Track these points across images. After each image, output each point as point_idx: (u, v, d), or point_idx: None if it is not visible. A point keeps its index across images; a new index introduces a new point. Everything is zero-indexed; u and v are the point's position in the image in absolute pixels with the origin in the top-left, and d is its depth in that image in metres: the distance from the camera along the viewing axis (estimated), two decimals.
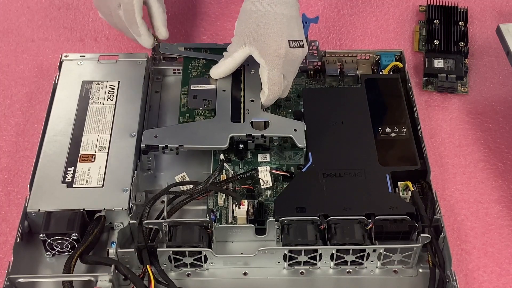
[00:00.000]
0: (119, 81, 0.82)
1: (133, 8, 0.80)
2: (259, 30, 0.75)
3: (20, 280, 0.65)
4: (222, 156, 0.73)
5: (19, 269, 0.67)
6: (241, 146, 0.76)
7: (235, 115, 0.76)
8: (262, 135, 0.75)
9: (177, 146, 0.73)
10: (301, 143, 0.74)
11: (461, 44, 0.91)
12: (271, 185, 0.73)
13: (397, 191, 0.72)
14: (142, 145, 0.73)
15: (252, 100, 0.78)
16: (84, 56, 0.85)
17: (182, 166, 0.78)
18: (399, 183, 0.72)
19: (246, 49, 0.76)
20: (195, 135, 0.75)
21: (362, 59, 0.87)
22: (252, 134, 0.75)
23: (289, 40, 0.74)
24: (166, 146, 0.73)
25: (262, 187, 0.74)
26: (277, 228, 0.69)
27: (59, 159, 0.73)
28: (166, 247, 0.67)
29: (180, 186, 0.73)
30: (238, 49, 0.77)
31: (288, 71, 0.77)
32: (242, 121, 0.76)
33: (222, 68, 0.80)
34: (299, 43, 0.76)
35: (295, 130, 0.75)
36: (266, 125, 0.76)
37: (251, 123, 0.76)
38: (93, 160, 0.73)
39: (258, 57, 0.75)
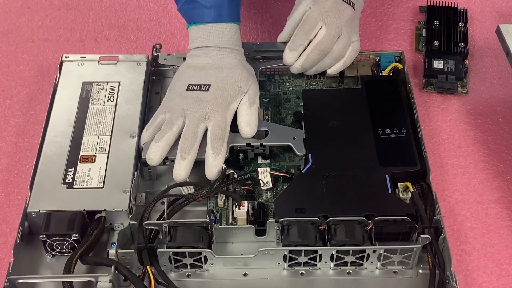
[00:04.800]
0: (119, 82, 0.82)
1: None
2: None
3: (20, 280, 0.65)
4: (224, 166, 0.73)
5: (20, 269, 0.67)
6: (241, 155, 0.76)
7: (234, 125, 0.76)
8: (261, 144, 0.75)
9: None
10: (300, 151, 0.74)
11: (461, 44, 0.91)
12: (271, 186, 0.73)
13: (397, 192, 0.72)
14: (142, 157, 0.73)
15: None
16: (85, 57, 0.85)
17: None
18: (399, 184, 0.72)
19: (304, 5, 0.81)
20: None
21: (361, 60, 0.87)
22: (252, 144, 0.75)
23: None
24: (167, 157, 0.73)
25: (262, 188, 0.74)
26: (277, 229, 0.69)
27: (59, 160, 0.73)
28: (166, 248, 0.67)
29: (181, 187, 0.73)
30: (297, 7, 0.82)
31: (334, 24, 0.80)
32: None
33: (286, 30, 0.83)
34: (350, 1, 0.81)
35: (294, 138, 0.75)
36: (265, 134, 0.76)
37: None
38: (93, 161, 0.73)
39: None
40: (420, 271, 0.70)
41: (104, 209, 0.69)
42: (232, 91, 0.76)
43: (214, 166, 0.72)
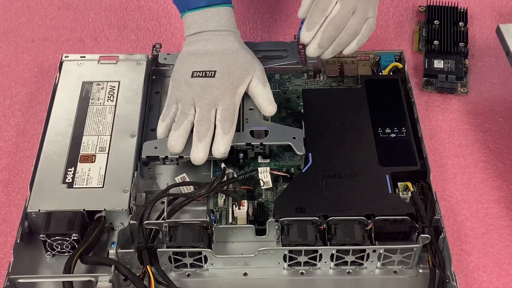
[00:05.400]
0: (119, 82, 0.82)
1: None
2: None
3: (20, 280, 0.65)
4: (223, 165, 0.73)
5: (20, 269, 0.67)
6: (241, 155, 0.76)
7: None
8: (261, 144, 0.75)
9: (177, 157, 0.74)
10: (300, 150, 0.74)
11: (461, 44, 0.91)
12: (271, 185, 0.73)
13: (397, 191, 0.72)
14: (142, 156, 0.73)
15: (251, 109, 0.78)
16: (85, 56, 0.85)
17: (182, 167, 0.77)
18: (399, 183, 0.72)
19: None
20: None
21: (362, 60, 0.87)
22: (252, 143, 0.75)
23: None
24: (167, 157, 0.73)
25: (262, 187, 0.74)
26: (277, 229, 0.69)
27: (59, 160, 0.73)
28: (166, 248, 0.67)
29: (181, 187, 0.73)
30: None
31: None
32: (241, 130, 0.76)
33: (304, 5, 0.79)
34: None
35: (294, 138, 0.75)
36: (265, 133, 0.76)
37: (251, 132, 0.76)
38: (93, 160, 0.73)
39: None
40: (420, 270, 0.70)
41: (104, 209, 0.69)
42: (237, 76, 0.76)
43: (222, 143, 0.72)
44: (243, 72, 0.77)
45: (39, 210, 0.69)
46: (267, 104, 0.77)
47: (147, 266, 0.67)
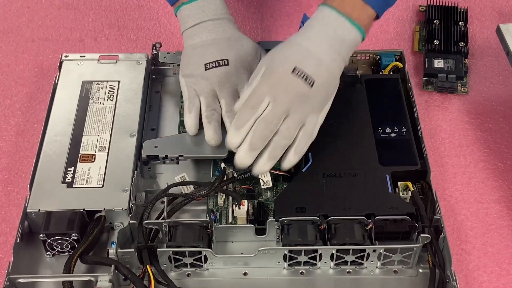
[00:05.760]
0: (119, 81, 0.82)
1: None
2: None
3: (20, 280, 0.65)
4: (223, 165, 0.73)
5: (19, 269, 0.67)
6: None
7: None
8: None
9: (177, 156, 0.74)
10: None
11: (461, 44, 0.91)
12: (271, 185, 0.73)
13: (397, 191, 0.72)
14: (142, 155, 0.73)
15: None
16: (84, 56, 0.85)
17: (182, 167, 0.77)
18: (399, 183, 0.72)
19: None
20: (195, 145, 0.75)
21: (362, 60, 0.87)
22: None
23: None
24: (166, 156, 0.73)
25: (262, 187, 0.74)
26: (277, 228, 0.69)
27: (59, 159, 0.73)
28: (166, 247, 0.67)
29: (181, 186, 0.73)
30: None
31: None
32: None
33: (241, 100, 0.72)
34: (307, 77, 0.69)
35: None
36: None
37: None
38: (93, 160, 0.73)
39: None
40: (420, 270, 0.70)
41: (104, 208, 0.69)
42: (249, 62, 0.77)
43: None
44: (252, 58, 0.78)
45: (39, 209, 0.69)
46: None
47: (147, 266, 0.67)
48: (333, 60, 0.70)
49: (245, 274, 0.69)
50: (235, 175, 0.74)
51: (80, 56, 0.85)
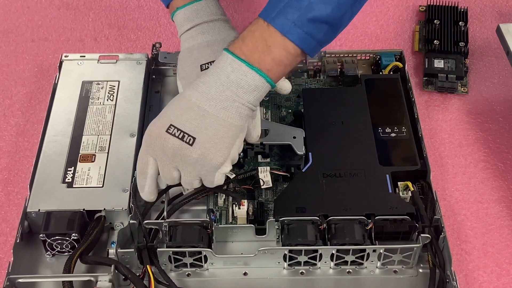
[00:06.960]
0: (119, 81, 0.82)
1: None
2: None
3: (20, 280, 0.65)
4: None
5: (19, 269, 0.67)
6: (241, 154, 0.76)
7: None
8: (261, 143, 0.75)
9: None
10: (300, 150, 0.74)
11: (461, 44, 0.91)
12: (271, 185, 0.73)
13: (397, 191, 0.72)
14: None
15: None
16: (84, 56, 0.85)
17: None
18: (399, 183, 0.72)
19: None
20: None
21: (362, 59, 0.87)
22: (252, 143, 0.75)
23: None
24: None
25: (262, 187, 0.74)
26: (277, 228, 0.69)
27: (59, 159, 0.73)
28: (166, 247, 0.67)
29: (181, 187, 0.73)
30: None
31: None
32: None
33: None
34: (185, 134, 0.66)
35: (294, 137, 0.75)
36: (265, 132, 0.76)
37: None
38: (93, 160, 0.73)
39: None
40: (420, 270, 0.70)
41: (104, 208, 0.69)
42: None
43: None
44: None
45: (39, 209, 0.69)
46: (281, 81, 0.75)
47: (147, 266, 0.67)
48: (224, 108, 0.65)
49: (245, 274, 0.69)
50: (235, 175, 0.74)
51: (80, 56, 0.85)
